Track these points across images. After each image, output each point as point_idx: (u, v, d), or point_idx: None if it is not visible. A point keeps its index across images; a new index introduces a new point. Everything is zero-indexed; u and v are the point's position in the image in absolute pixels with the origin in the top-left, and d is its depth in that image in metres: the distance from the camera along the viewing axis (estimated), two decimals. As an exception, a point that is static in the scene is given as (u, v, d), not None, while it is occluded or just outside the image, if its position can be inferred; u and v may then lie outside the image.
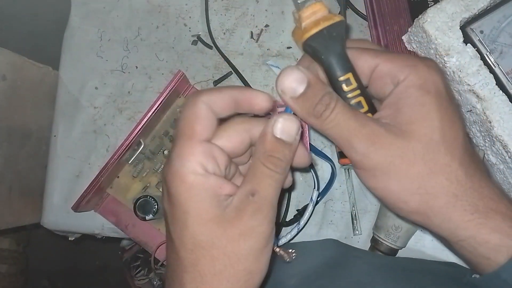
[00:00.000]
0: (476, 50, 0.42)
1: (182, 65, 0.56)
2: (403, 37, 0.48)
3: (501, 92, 0.41)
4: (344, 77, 0.29)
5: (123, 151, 0.49)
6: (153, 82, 0.56)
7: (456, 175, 0.27)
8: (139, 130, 0.49)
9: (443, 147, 0.27)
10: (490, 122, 0.41)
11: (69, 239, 0.60)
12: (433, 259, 0.50)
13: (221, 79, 0.55)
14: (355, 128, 0.27)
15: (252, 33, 0.56)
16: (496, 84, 0.41)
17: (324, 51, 0.29)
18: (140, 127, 0.49)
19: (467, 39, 0.43)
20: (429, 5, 0.48)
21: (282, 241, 0.48)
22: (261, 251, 0.27)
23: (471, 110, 0.43)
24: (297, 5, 0.29)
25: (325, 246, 0.49)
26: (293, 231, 0.48)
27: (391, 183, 0.27)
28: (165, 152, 0.53)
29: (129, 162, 0.53)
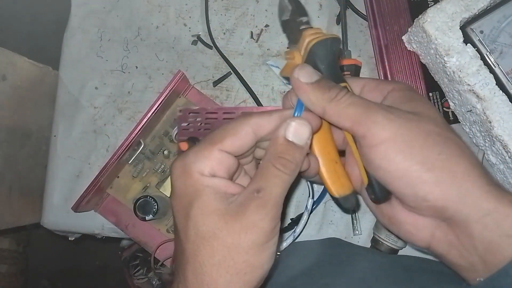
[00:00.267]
0: (476, 50, 0.42)
1: (182, 65, 0.56)
2: (403, 37, 0.48)
3: (501, 92, 0.41)
4: (342, 84, 0.32)
5: (123, 151, 0.49)
6: (153, 82, 0.56)
7: (466, 148, 0.29)
8: (139, 130, 0.49)
9: (448, 127, 0.30)
10: (490, 122, 0.41)
11: (69, 239, 0.60)
12: (433, 259, 0.50)
13: (220, 79, 0.55)
14: (367, 106, 0.29)
15: (252, 33, 0.56)
16: (496, 84, 0.41)
17: (325, 57, 0.31)
18: (140, 127, 0.49)
19: (467, 39, 0.43)
20: (429, 5, 0.48)
21: (279, 248, 0.48)
22: (262, 245, 0.27)
23: (471, 110, 0.43)
24: (300, 31, 0.32)
25: (328, 245, 0.48)
26: (289, 239, 0.48)
27: (408, 155, 0.28)
28: (165, 152, 0.53)
29: (129, 162, 0.53)
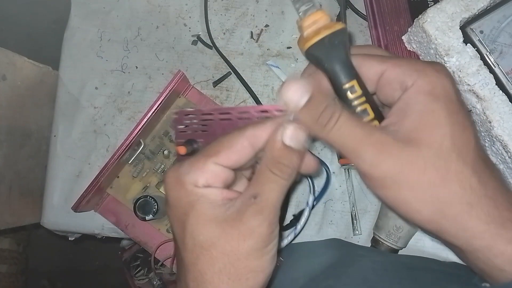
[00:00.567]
0: (476, 50, 0.42)
1: (182, 65, 0.56)
2: (403, 37, 0.48)
3: (501, 92, 0.41)
4: (348, 85, 0.29)
5: (123, 151, 0.49)
6: (153, 82, 0.56)
7: (469, 182, 0.26)
8: (139, 130, 0.49)
9: (455, 153, 0.26)
10: (490, 122, 0.41)
11: (69, 239, 0.60)
12: (434, 259, 0.50)
13: (220, 79, 0.55)
14: (361, 137, 0.27)
15: (252, 33, 0.56)
16: (496, 84, 0.41)
17: (327, 59, 0.29)
18: (140, 127, 0.49)
19: (467, 39, 0.43)
20: (429, 5, 0.48)
21: (280, 245, 0.48)
22: (261, 250, 0.27)
23: (471, 110, 0.43)
24: (299, 16, 0.29)
25: (329, 246, 0.48)
26: (290, 236, 0.48)
27: (402, 193, 0.27)
28: (165, 152, 0.53)
29: (129, 162, 0.53)
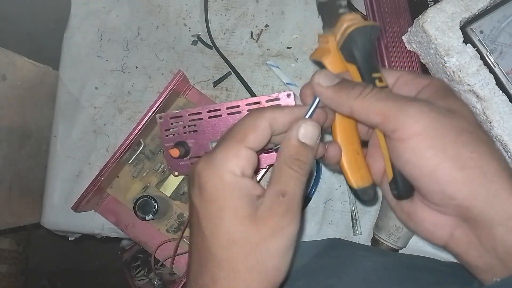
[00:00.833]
0: (476, 50, 0.42)
1: (182, 65, 0.56)
2: (403, 37, 0.48)
3: (501, 92, 0.41)
4: (377, 74, 0.31)
5: (123, 151, 0.49)
6: (153, 82, 0.56)
7: (497, 150, 0.28)
8: (139, 130, 0.49)
9: (481, 127, 0.29)
10: (490, 122, 0.41)
11: (69, 239, 0.60)
12: (435, 258, 0.49)
13: (220, 79, 0.55)
14: (397, 99, 0.28)
15: (252, 33, 0.56)
16: (496, 84, 0.41)
17: (363, 45, 0.31)
18: (140, 127, 0.49)
19: (467, 39, 0.43)
20: (429, 5, 0.48)
21: None
22: (288, 249, 0.28)
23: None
24: (339, 15, 0.31)
25: (330, 246, 0.48)
26: None
27: (439, 151, 0.27)
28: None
29: (129, 162, 0.53)
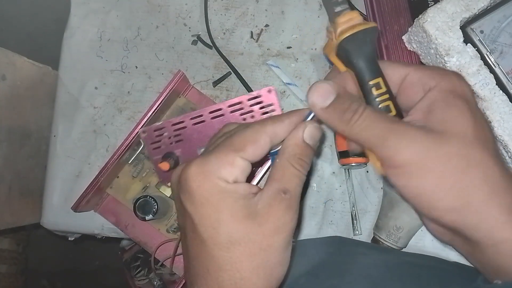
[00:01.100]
0: (476, 50, 0.42)
1: (182, 65, 0.56)
2: (403, 37, 0.48)
3: (501, 92, 0.41)
4: (374, 81, 0.30)
5: (123, 151, 0.49)
6: (153, 82, 0.56)
7: (492, 171, 0.27)
8: (139, 130, 0.49)
9: (477, 143, 0.27)
10: (490, 122, 0.41)
11: (69, 239, 0.60)
12: (436, 256, 0.50)
13: (220, 79, 0.55)
14: (386, 126, 0.28)
15: (252, 33, 0.56)
16: (496, 84, 0.41)
17: (357, 53, 0.30)
18: (140, 127, 0.49)
19: (467, 39, 0.43)
20: (429, 5, 0.48)
21: None
22: (289, 243, 0.29)
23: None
24: (334, 14, 0.31)
25: (331, 244, 0.48)
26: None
27: (425, 180, 0.27)
28: (165, 152, 0.53)
29: (129, 162, 0.53)
